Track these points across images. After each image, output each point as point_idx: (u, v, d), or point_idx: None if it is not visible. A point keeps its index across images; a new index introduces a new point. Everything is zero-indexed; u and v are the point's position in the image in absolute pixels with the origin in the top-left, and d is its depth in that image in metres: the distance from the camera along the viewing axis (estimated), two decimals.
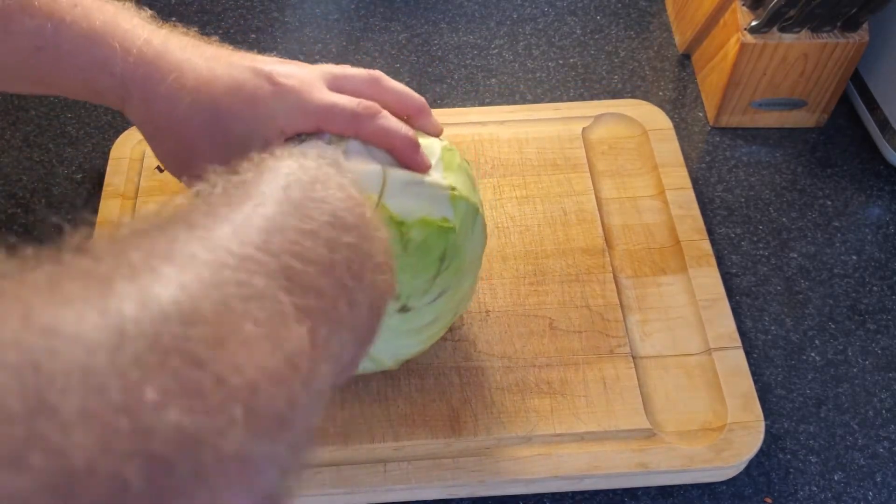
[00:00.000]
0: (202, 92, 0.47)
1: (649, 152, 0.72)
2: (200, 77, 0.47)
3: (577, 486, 0.56)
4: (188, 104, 0.47)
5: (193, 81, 0.47)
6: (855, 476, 0.58)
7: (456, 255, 0.49)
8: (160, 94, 0.47)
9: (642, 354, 0.60)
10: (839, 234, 0.70)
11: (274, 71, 0.49)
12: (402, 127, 0.50)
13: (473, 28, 0.86)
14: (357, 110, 0.48)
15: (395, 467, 0.55)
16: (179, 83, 0.47)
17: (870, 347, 0.64)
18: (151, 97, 0.47)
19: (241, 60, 0.49)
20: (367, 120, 0.49)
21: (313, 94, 0.49)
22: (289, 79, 0.48)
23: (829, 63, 0.72)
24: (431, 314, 0.50)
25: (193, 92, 0.47)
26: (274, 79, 0.48)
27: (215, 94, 0.47)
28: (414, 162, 0.49)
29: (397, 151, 0.49)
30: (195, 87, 0.47)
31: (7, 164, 0.75)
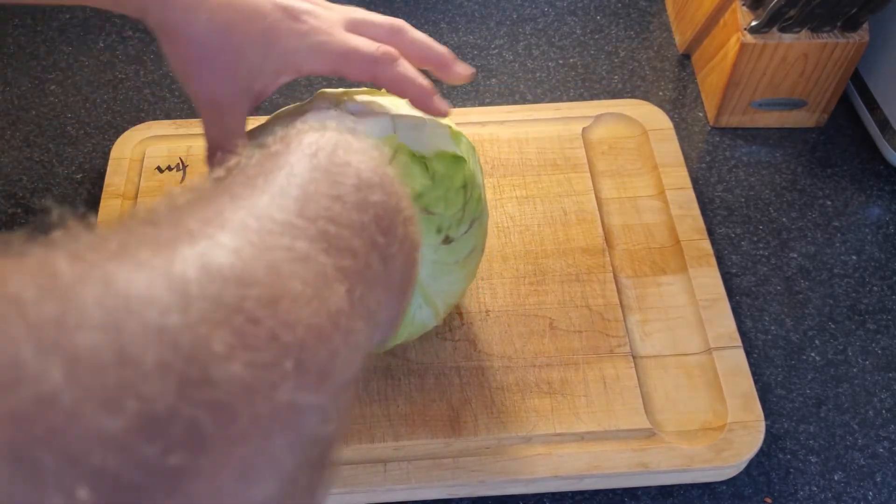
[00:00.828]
0: (221, 11, 0.47)
1: (649, 152, 0.72)
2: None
3: (577, 485, 0.56)
4: (205, 21, 0.47)
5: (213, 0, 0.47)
6: (855, 476, 0.58)
7: (474, 183, 0.52)
8: (178, 6, 0.47)
9: (642, 354, 0.60)
10: (839, 234, 0.70)
11: (297, 7, 0.49)
12: (419, 75, 0.50)
13: (473, 28, 0.86)
14: (375, 55, 0.49)
15: (395, 467, 0.55)
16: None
17: (870, 347, 0.64)
18: (169, 7, 0.47)
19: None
20: (385, 65, 0.49)
21: (334, 35, 0.49)
22: (311, 17, 0.49)
23: (829, 63, 0.72)
24: (469, 244, 0.52)
25: (213, 9, 0.47)
26: (296, 14, 0.48)
27: (234, 16, 0.47)
28: (432, 107, 0.50)
29: (415, 98, 0.50)
30: (214, 6, 0.47)
31: (7, 164, 0.75)
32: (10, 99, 0.80)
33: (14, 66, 0.83)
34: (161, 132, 0.74)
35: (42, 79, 0.82)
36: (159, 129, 0.74)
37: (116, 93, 0.81)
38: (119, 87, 0.81)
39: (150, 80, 0.82)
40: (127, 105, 0.80)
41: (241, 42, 0.47)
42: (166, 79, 0.82)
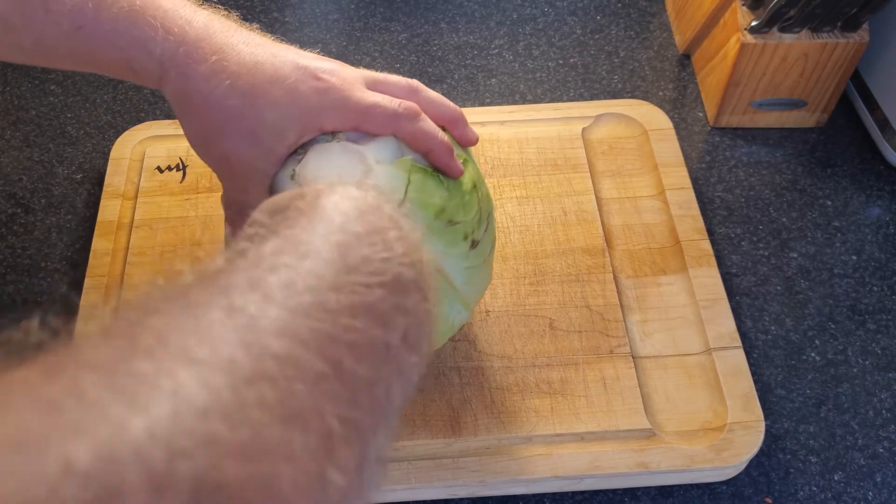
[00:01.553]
0: (242, 76, 0.47)
1: (649, 152, 0.72)
2: (242, 62, 0.47)
3: (577, 486, 0.56)
4: (227, 87, 0.47)
5: (235, 66, 0.47)
6: (855, 476, 0.58)
7: (480, 181, 0.53)
8: (199, 73, 0.47)
9: (642, 354, 0.60)
10: (839, 234, 0.70)
11: (317, 67, 0.49)
12: (439, 131, 0.50)
13: (473, 28, 0.86)
14: (398, 111, 0.49)
15: (396, 467, 0.55)
16: (221, 65, 0.47)
17: (870, 347, 0.64)
18: (190, 75, 0.47)
19: (285, 52, 0.49)
20: (407, 121, 0.49)
21: (354, 92, 0.49)
22: (331, 76, 0.49)
23: (829, 63, 0.72)
24: (490, 240, 0.54)
25: (233, 76, 0.47)
26: (317, 74, 0.48)
27: (256, 80, 0.47)
28: (449, 167, 0.50)
29: (433, 155, 0.50)
30: (236, 72, 0.47)
31: (7, 164, 0.75)
32: (10, 99, 0.80)
33: (14, 66, 0.83)
34: (161, 132, 0.74)
35: (42, 79, 0.82)
36: (159, 129, 0.74)
37: (116, 93, 0.81)
38: (119, 87, 0.81)
39: None
40: (127, 105, 0.80)
41: (263, 105, 0.47)
42: None
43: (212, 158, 0.50)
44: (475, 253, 0.52)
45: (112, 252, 0.66)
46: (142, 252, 0.66)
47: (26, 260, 0.69)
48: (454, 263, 0.51)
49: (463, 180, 0.51)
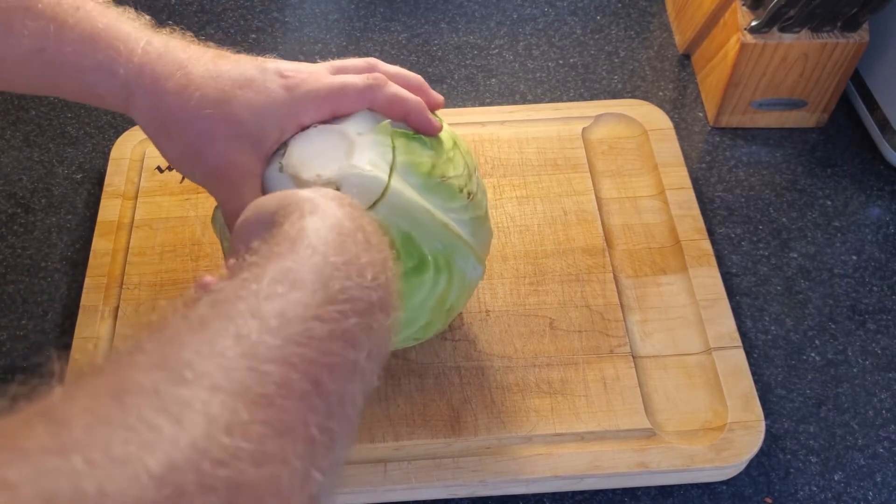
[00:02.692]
0: (211, 87, 0.47)
1: (649, 152, 0.72)
2: (208, 72, 0.48)
3: (577, 485, 0.56)
4: (198, 99, 0.47)
5: (200, 77, 0.47)
6: (855, 476, 0.58)
7: (457, 138, 0.55)
8: (168, 91, 0.47)
9: (642, 354, 0.60)
10: (839, 234, 0.70)
11: (280, 67, 0.50)
12: (408, 93, 0.51)
13: (473, 28, 0.86)
14: (368, 82, 0.50)
15: (396, 467, 0.55)
16: (187, 79, 0.47)
17: (870, 347, 0.64)
18: (159, 93, 0.47)
19: (245, 60, 0.50)
20: (379, 90, 0.50)
21: (322, 80, 0.50)
22: (297, 73, 0.50)
23: (829, 63, 0.72)
24: (482, 195, 0.55)
25: (202, 87, 0.47)
26: (282, 73, 0.49)
27: (224, 86, 0.48)
28: (427, 124, 0.51)
29: (411, 116, 0.51)
30: (203, 83, 0.47)
31: (7, 164, 0.75)
32: (10, 99, 0.80)
33: None
34: None
35: None
36: None
37: None
38: None
39: None
40: None
41: (238, 108, 0.48)
42: None
43: (199, 172, 0.50)
44: (474, 205, 0.53)
45: (112, 252, 0.66)
46: (142, 252, 0.66)
47: (26, 260, 0.69)
48: (457, 216, 0.51)
49: (443, 138, 0.53)
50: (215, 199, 0.51)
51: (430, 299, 0.51)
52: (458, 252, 0.51)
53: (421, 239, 0.49)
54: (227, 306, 0.29)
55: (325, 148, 0.49)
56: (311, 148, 0.49)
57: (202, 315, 0.28)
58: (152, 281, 0.64)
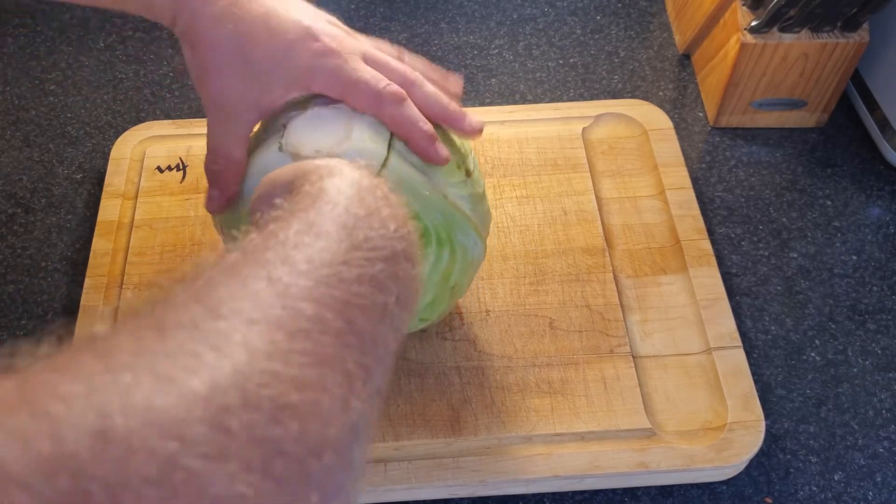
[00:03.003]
0: (247, 23, 0.48)
1: (649, 152, 0.72)
2: (251, 10, 0.49)
3: (578, 485, 0.56)
4: (229, 31, 0.48)
5: (241, 11, 0.49)
6: (855, 476, 0.58)
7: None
8: (207, 14, 0.48)
9: (642, 354, 0.60)
10: (839, 234, 0.70)
11: (321, 29, 0.50)
12: (422, 119, 0.50)
13: (473, 28, 0.86)
14: (382, 91, 0.49)
15: (396, 467, 0.55)
16: (230, 11, 0.48)
17: (870, 347, 0.64)
18: (198, 15, 0.48)
19: (297, 8, 0.51)
20: (389, 104, 0.49)
21: (349, 62, 0.50)
22: (330, 39, 0.50)
23: (829, 63, 0.72)
24: (478, 174, 0.55)
25: (238, 21, 0.48)
26: (317, 35, 0.49)
27: (257, 29, 0.49)
28: (429, 154, 0.50)
29: (413, 142, 0.50)
30: (242, 18, 0.48)
31: (7, 164, 0.75)
32: (10, 99, 0.80)
33: (14, 66, 0.83)
34: (161, 132, 0.74)
35: (42, 79, 0.82)
36: (159, 129, 0.74)
37: (116, 93, 0.81)
38: (119, 87, 0.81)
39: (150, 80, 0.82)
40: (127, 105, 0.80)
41: (257, 53, 0.49)
42: (166, 79, 0.82)
43: (204, 94, 0.51)
44: (472, 181, 0.53)
45: (112, 252, 0.66)
46: (142, 252, 0.66)
47: (26, 260, 0.69)
48: (457, 192, 0.52)
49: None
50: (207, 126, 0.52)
51: (435, 274, 0.51)
52: (459, 226, 0.51)
53: (421, 211, 0.49)
54: (256, 255, 0.30)
55: (323, 126, 0.50)
56: (310, 126, 0.50)
57: (233, 263, 0.29)
58: (152, 281, 0.64)
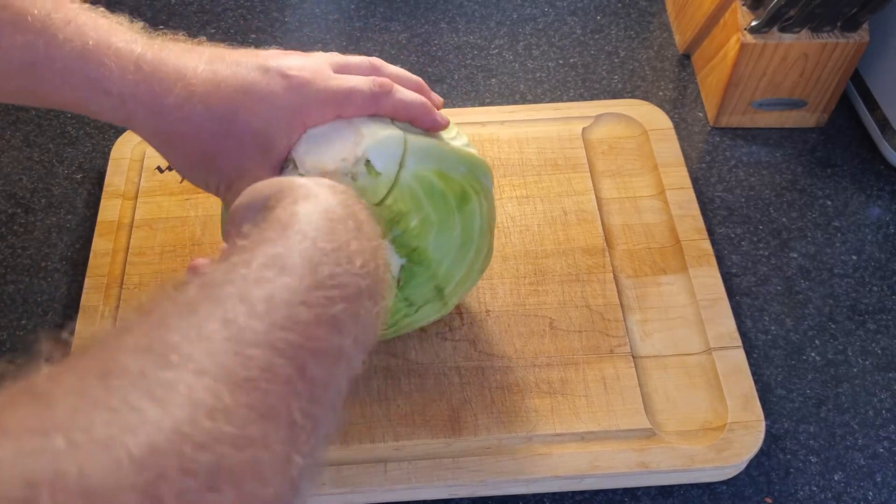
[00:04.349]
0: (213, 96, 0.47)
1: (649, 152, 0.72)
2: (207, 81, 0.47)
3: (578, 485, 0.56)
4: (201, 112, 0.46)
5: (201, 87, 0.47)
6: (855, 476, 0.58)
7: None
8: (169, 106, 0.46)
9: (642, 354, 0.60)
10: (839, 234, 0.70)
11: (282, 65, 0.49)
12: (416, 96, 0.52)
13: (473, 28, 0.86)
14: (374, 90, 0.50)
15: (396, 467, 0.55)
16: (188, 91, 0.46)
17: (870, 347, 0.64)
18: (160, 111, 0.46)
19: (245, 58, 0.49)
20: (385, 97, 0.50)
21: (329, 82, 0.49)
22: (300, 71, 0.49)
23: (829, 63, 0.72)
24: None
25: (204, 98, 0.47)
26: (285, 73, 0.48)
27: (227, 96, 0.47)
28: (433, 123, 0.52)
29: (418, 119, 0.52)
30: (205, 93, 0.47)
31: (7, 164, 0.75)
32: None
33: None
34: None
35: None
36: None
37: None
38: None
39: None
40: None
41: (244, 118, 0.47)
42: None
43: (210, 183, 0.50)
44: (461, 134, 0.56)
45: (112, 252, 0.66)
46: (142, 252, 0.66)
47: (26, 260, 0.69)
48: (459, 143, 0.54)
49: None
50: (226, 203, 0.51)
51: (484, 223, 0.53)
52: (477, 168, 0.54)
53: (451, 171, 0.51)
54: (215, 290, 0.29)
55: (330, 138, 0.50)
56: (317, 144, 0.50)
57: (191, 298, 0.29)
58: (152, 281, 0.64)
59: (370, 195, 0.49)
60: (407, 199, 0.49)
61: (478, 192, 0.53)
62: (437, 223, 0.50)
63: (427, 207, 0.50)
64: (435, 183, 0.50)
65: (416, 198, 0.50)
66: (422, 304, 0.53)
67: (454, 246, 0.52)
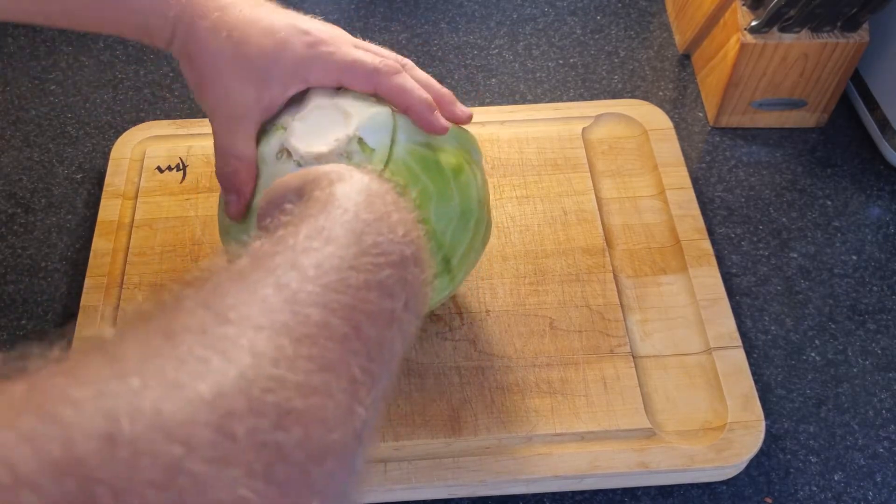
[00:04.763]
0: (239, 28, 0.50)
1: (649, 152, 0.72)
2: (242, 17, 0.51)
3: (578, 485, 0.56)
4: (224, 38, 0.50)
5: (234, 20, 0.50)
6: (855, 476, 0.58)
7: None
8: (201, 28, 0.50)
9: (642, 354, 0.60)
10: (839, 234, 0.70)
11: (307, 25, 0.52)
12: (419, 89, 0.51)
13: (473, 28, 0.86)
14: (378, 66, 0.51)
15: (396, 467, 0.55)
16: (222, 21, 0.50)
17: (870, 347, 0.64)
18: (193, 30, 0.50)
19: (284, 13, 0.52)
20: (387, 76, 0.51)
21: (341, 48, 0.51)
22: (319, 32, 0.51)
23: (829, 63, 0.72)
24: None
25: (231, 28, 0.50)
26: (306, 30, 0.51)
27: (250, 31, 0.50)
28: (429, 124, 0.51)
29: (413, 111, 0.51)
30: (234, 25, 0.50)
31: (7, 164, 0.75)
32: (10, 99, 0.80)
33: (14, 66, 0.83)
34: (161, 132, 0.74)
35: (42, 79, 0.82)
36: (159, 129, 0.74)
37: (116, 93, 0.81)
38: (119, 87, 0.81)
39: (150, 80, 0.82)
40: (127, 105, 0.80)
41: (253, 52, 0.50)
42: (166, 79, 0.82)
43: (206, 102, 0.52)
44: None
45: (112, 252, 0.66)
46: (142, 252, 0.66)
47: (26, 260, 0.69)
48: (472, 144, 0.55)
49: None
50: (213, 131, 0.53)
51: (480, 193, 0.54)
52: (466, 142, 0.54)
53: (441, 144, 0.52)
54: (265, 260, 0.30)
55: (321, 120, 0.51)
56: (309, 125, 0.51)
57: (241, 268, 0.30)
58: (152, 281, 0.64)
59: None
60: (403, 173, 0.50)
61: (469, 163, 0.53)
62: (435, 194, 0.50)
63: (424, 179, 0.50)
64: (428, 155, 0.51)
65: (411, 170, 0.50)
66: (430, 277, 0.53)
67: (454, 215, 0.52)
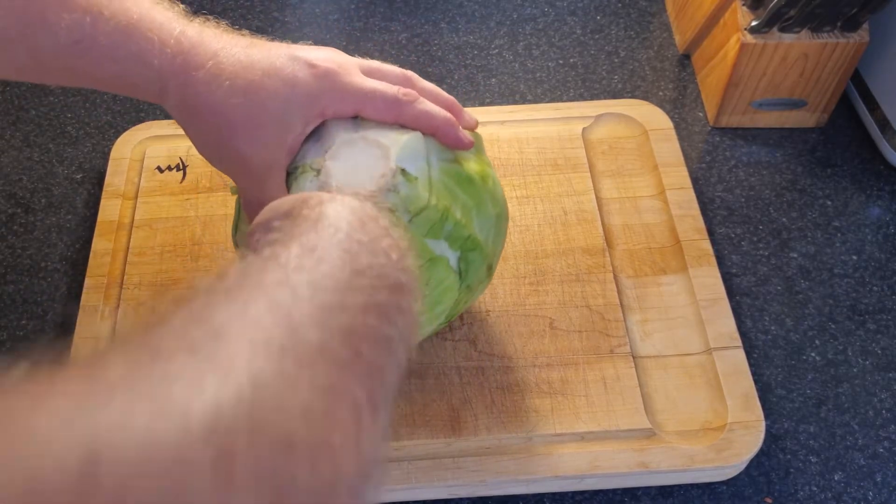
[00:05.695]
0: (240, 76, 0.48)
1: (649, 152, 0.72)
2: (238, 62, 0.48)
3: (578, 485, 0.56)
4: (226, 88, 0.47)
5: (231, 66, 0.48)
6: (855, 476, 0.58)
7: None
8: (198, 80, 0.47)
9: (642, 354, 0.60)
10: (839, 234, 0.70)
11: (310, 56, 0.50)
12: (440, 109, 0.51)
13: (473, 28, 0.86)
14: (398, 96, 0.50)
15: (395, 467, 0.55)
16: (218, 69, 0.47)
17: (870, 347, 0.64)
18: (190, 83, 0.48)
19: (278, 48, 0.50)
20: (408, 105, 0.50)
21: (353, 77, 0.50)
22: (327, 62, 0.49)
23: (829, 63, 0.72)
24: None
25: (231, 76, 0.47)
26: (311, 62, 0.49)
27: (253, 76, 0.48)
28: (456, 141, 0.51)
29: (440, 133, 0.51)
30: (233, 72, 0.48)
31: (7, 164, 0.75)
32: (10, 99, 0.80)
33: None
34: (161, 132, 0.74)
35: None
36: (159, 129, 0.74)
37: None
38: None
39: None
40: (127, 105, 0.80)
41: (265, 97, 0.48)
42: None
43: (224, 162, 0.50)
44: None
45: (112, 252, 0.66)
46: (142, 252, 0.66)
47: (26, 260, 0.69)
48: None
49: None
50: (238, 186, 0.51)
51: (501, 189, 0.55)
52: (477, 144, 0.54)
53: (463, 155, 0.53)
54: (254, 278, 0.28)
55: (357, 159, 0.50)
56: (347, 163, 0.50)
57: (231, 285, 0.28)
58: (152, 281, 0.64)
59: (414, 202, 0.49)
60: (445, 194, 0.50)
61: (487, 164, 0.54)
62: (474, 206, 0.51)
63: (461, 195, 0.51)
64: (458, 170, 0.51)
65: (450, 189, 0.51)
66: (477, 285, 0.54)
67: (492, 222, 0.53)
